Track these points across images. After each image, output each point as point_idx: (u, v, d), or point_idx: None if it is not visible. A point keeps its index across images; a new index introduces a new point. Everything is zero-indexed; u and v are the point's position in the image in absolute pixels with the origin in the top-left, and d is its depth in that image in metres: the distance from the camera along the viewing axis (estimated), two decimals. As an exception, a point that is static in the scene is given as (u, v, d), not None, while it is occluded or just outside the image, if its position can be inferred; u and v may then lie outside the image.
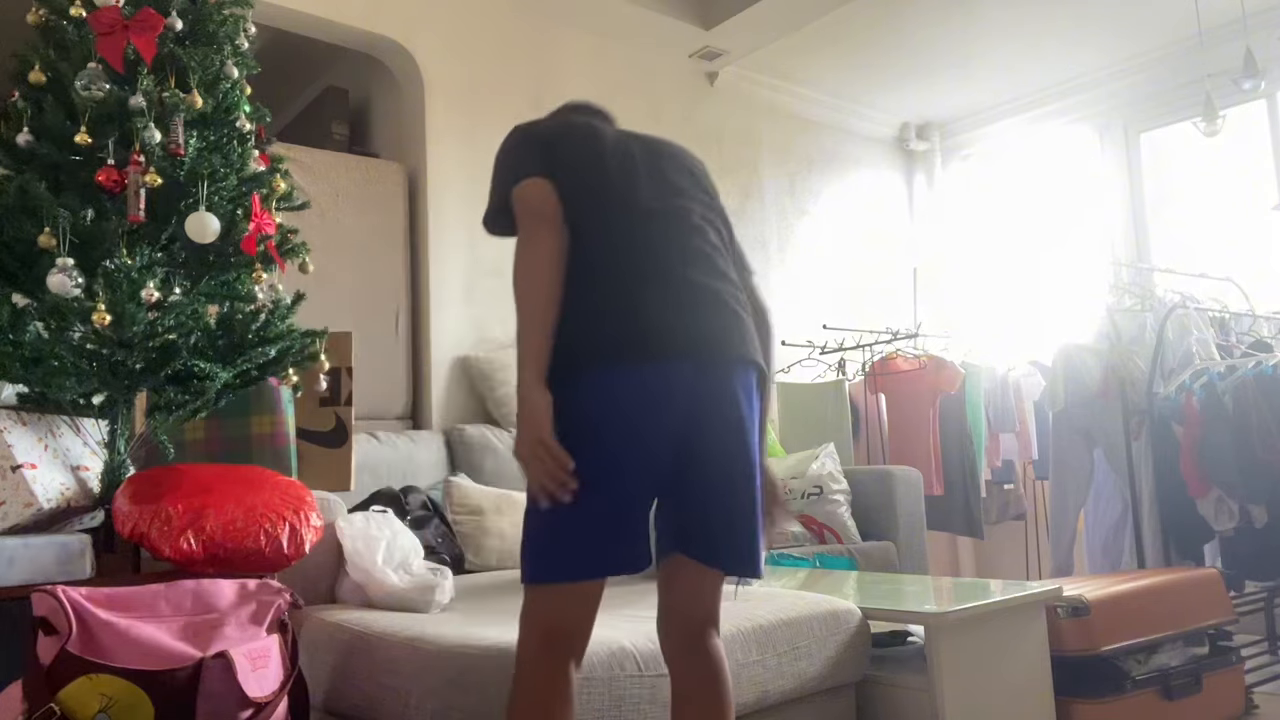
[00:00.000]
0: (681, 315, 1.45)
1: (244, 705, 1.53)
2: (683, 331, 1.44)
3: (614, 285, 1.46)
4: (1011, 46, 4.49)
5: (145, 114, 1.89)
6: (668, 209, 1.55)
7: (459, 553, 2.80)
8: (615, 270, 1.47)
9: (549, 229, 1.46)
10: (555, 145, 1.56)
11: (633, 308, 1.44)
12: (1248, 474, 3.11)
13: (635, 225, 1.51)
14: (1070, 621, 2.46)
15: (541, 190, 1.49)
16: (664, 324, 1.43)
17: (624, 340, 1.42)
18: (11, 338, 1.82)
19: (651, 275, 1.47)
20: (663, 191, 1.58)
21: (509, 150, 1.59)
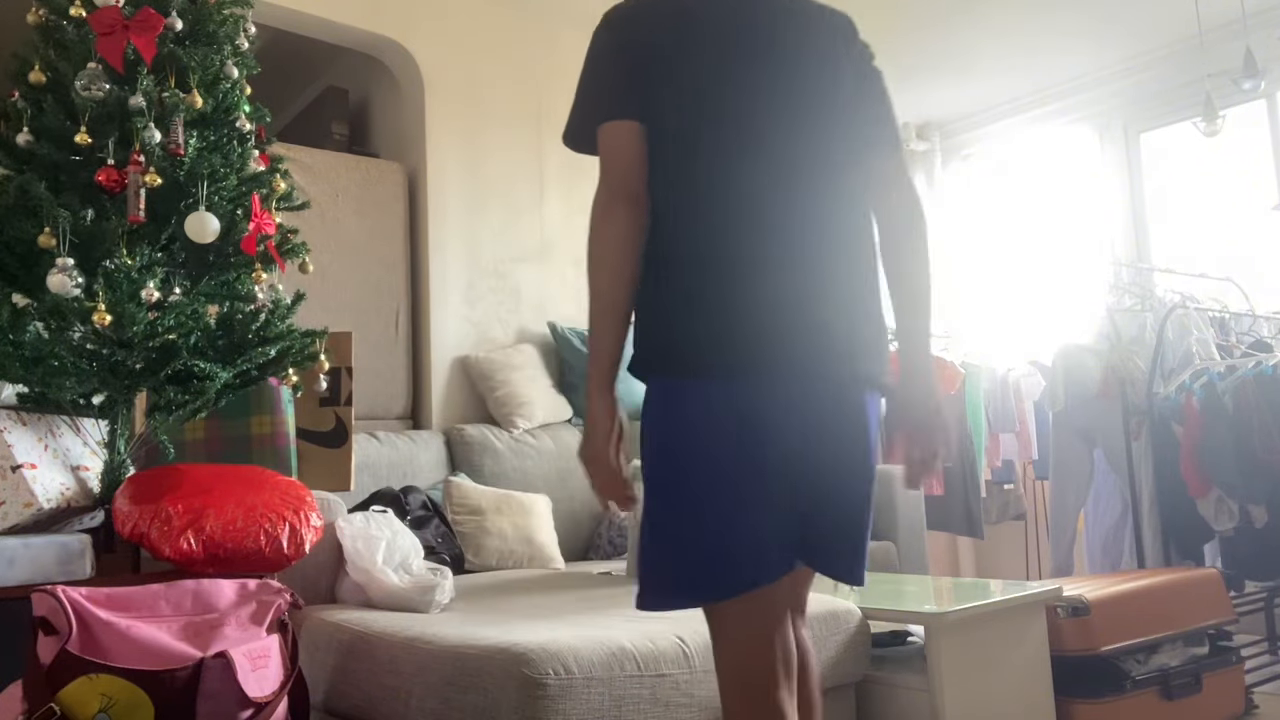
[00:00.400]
0: (795, 316, 1.23)
1: (244, 705, 1.53)
2: (792, 340, 1.23)
3: (713, 270, 1.23)
4: (1011, 46, 4.48)
5: (145, 114, 1.89)
6: (796, 153, 1.28)
7: (459, 553, 2.80)
8: (716, 249, 1.24)
9: (626, 206, 1.25)
10: (656, 61, 1.28)
11: (734, 303, 1.22)
12: (1248, 474, 3.11)
13: (750, 182, 1.25)
14: (1070, 621, 2.46)
15: (624, 150, 1.26)
16: (770, 329, 1.22)
17: (721, 346, 1.22)
18: (11, 338, 1.82)
19: (763, 259, 1.24)
20: (795, 117, 1.30)
21: (597, 58, 1.33)
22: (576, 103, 1.34)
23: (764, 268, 1.24)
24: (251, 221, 1.99)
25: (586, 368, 1.28)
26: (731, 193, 1.26)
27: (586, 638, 1.67)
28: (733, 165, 1.26)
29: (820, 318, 1.26)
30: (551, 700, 1.54)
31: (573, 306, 3.94)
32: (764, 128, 1.28)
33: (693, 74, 1.28)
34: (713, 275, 1.23)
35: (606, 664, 1.64)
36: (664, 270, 1.27)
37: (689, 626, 1.80)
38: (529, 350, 3.68)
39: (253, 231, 1.98)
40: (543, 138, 3.96)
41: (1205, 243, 4.41)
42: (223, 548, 1.73)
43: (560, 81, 4.05)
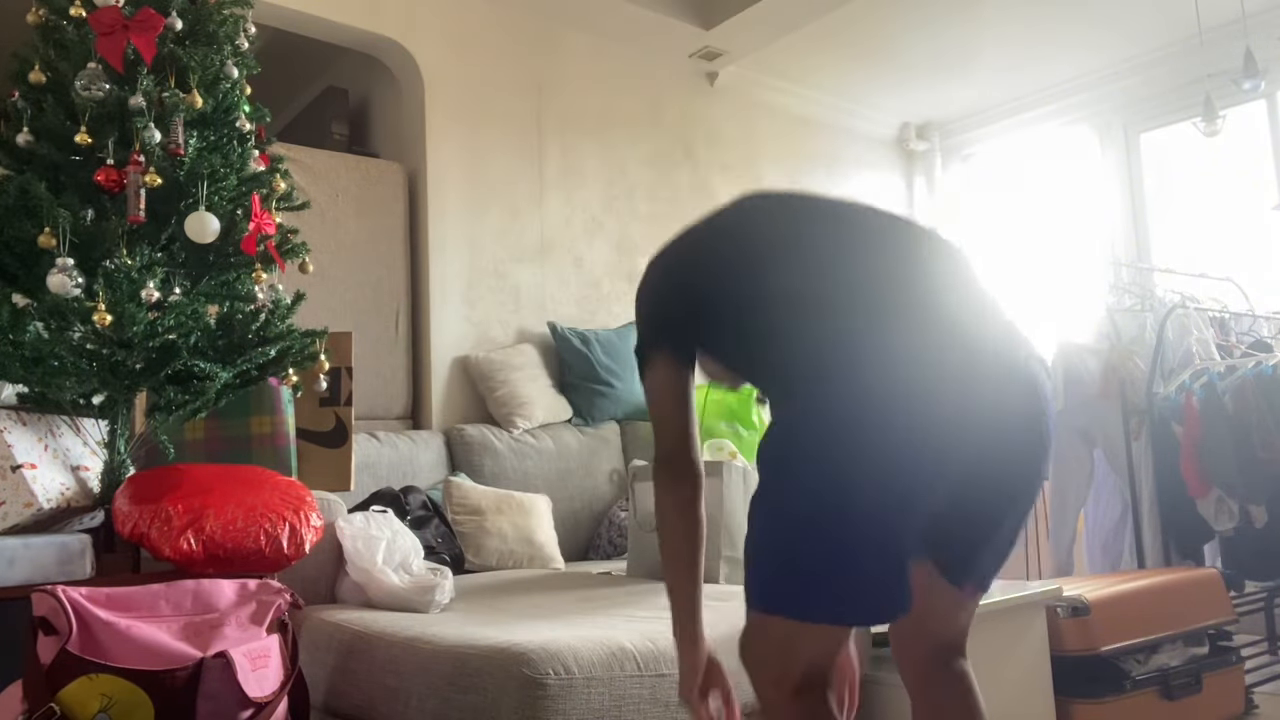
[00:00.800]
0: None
1: (244, 705, 1.53)
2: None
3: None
4: (1011, 46, 4.48)
5: (145, 114, 1.89)
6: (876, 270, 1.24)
7: (459, 553, 2.80)
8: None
9: (671, 473, 1.36)
10: (690, 298, 1.32)
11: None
12: (1248, 474, 3.11)
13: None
14: (1070, 621, 2.46)
15: (664, 390, 1.35)
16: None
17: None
18: (11, 338, 1.81)
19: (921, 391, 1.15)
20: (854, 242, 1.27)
21: (645, 292, 1.40)
22: (637, 326, 1.42)
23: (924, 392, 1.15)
24: (251, 221, 1.99)
25: (672, 619, 1.37)
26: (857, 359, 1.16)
27: (586, 638, 1.67)
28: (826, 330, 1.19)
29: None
30: (551, 700, 1.54)
31: (573, 307, 3.94)
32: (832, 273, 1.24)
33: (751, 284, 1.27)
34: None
35: (606, 664, 1.63)
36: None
37: (689, 626, 1.80)
38: (529, 350, 3.68)
39: (253, 231, 1.98)
40: (543, 138, 3.96)
41: (1205, 243, 4.41)
42: (223, 548, 1.73)
43: (560, 81, 4.05)
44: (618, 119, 4.22)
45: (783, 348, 1.21)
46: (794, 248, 1.27)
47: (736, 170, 4.63)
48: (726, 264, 1.31)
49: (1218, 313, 3.65)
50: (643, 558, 2.56)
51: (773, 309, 1.23)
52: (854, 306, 1.19)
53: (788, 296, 1.23)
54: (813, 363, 1.17)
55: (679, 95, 4.45)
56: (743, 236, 1.33)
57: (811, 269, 1.24)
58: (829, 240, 1.27)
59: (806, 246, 1.26)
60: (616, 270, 4.11)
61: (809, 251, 1.26)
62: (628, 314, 4.10)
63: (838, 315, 1.18)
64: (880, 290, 1.20)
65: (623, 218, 4.17)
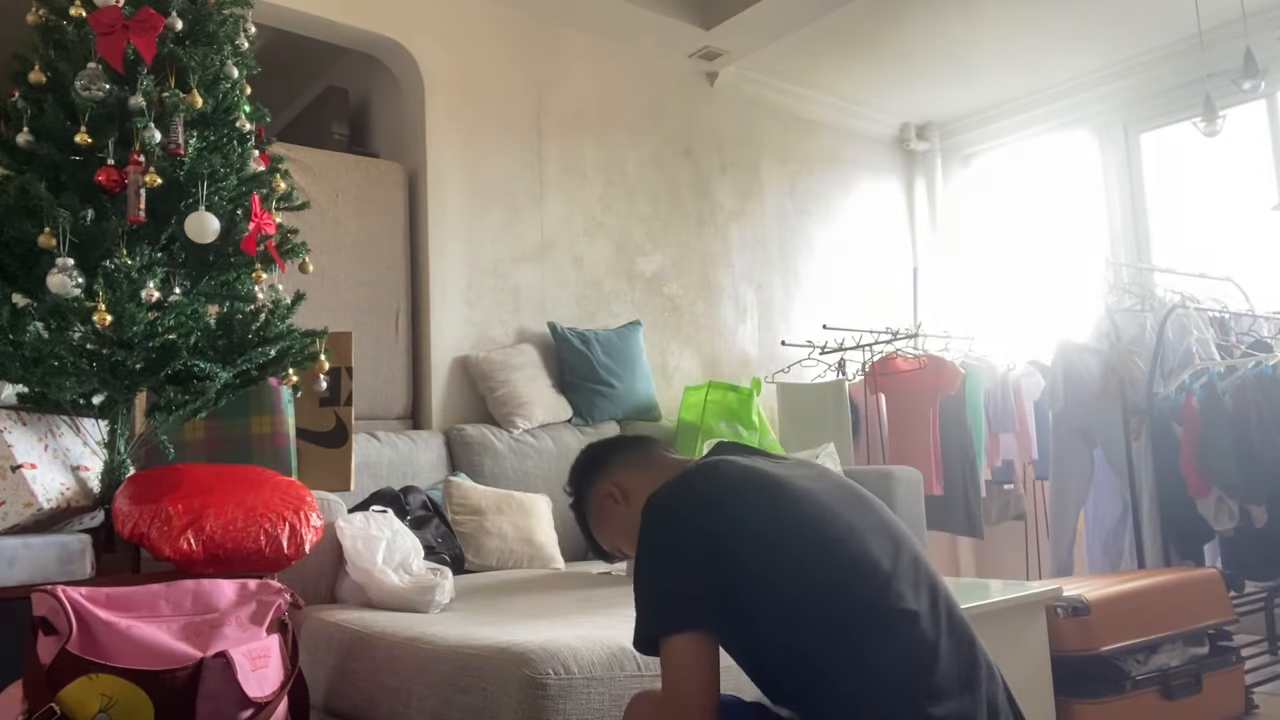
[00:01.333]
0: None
1: (244, 705, 1.53)
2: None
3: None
4: (1012, 47, 4.48)
5: (145, 114, 1.89)
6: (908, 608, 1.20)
7: (459, 553, 2.80)
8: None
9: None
10: (723, 550, 1.20)
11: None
12: (1248, 474, 3.11)
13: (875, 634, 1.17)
14: (1070, 621, 2.46)
15: (691, 678, 1.17)
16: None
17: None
18: (11, 338, 1.81)
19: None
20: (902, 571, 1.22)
21: (649, 555, 1.24)
22: (638, 604, 1.25)
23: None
24: (251, 221, 1.99)
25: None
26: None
27: (586, 638, 1.67)
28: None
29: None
30: (551, 700, 1.54)
31: (573, 307, 3.94)
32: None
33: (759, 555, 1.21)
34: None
35: (606, 664, 1.63)
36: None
37: (689, 626, 1.80)
38: (529, 350, 3.68)
39: (253, 231, 1.98)
40: (543, 138, 3.96)
41: (1205, 243, 4.41)
42: (223, 548, 1.73)
43: (560, 81, 4.05)
44: (618, 119, 4.22)
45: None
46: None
47: (736, 170, 4.63)
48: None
49: (1218, 313, 3.65)
50: (643, 558, 2.56)
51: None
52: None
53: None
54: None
55: (679, 95, 4.45)
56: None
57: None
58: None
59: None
60: (616, 270, 4.11)
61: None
62: (628, 314, 4.10)
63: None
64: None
65: (623, 218, 4.17)
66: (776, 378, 4.37)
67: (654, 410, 3.88)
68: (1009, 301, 5.14)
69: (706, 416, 3.78)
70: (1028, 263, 5.09)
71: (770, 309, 4.66)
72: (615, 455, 1.55)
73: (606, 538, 1.53)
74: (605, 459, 1.55)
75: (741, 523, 1.22)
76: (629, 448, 1.56)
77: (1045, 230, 5.05)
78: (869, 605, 1.18)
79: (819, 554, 1.21)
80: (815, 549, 1.21)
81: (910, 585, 1.21)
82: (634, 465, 1.50)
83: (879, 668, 1.16)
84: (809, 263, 4.86)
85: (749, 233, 4.63)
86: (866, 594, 1.19)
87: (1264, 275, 4.09)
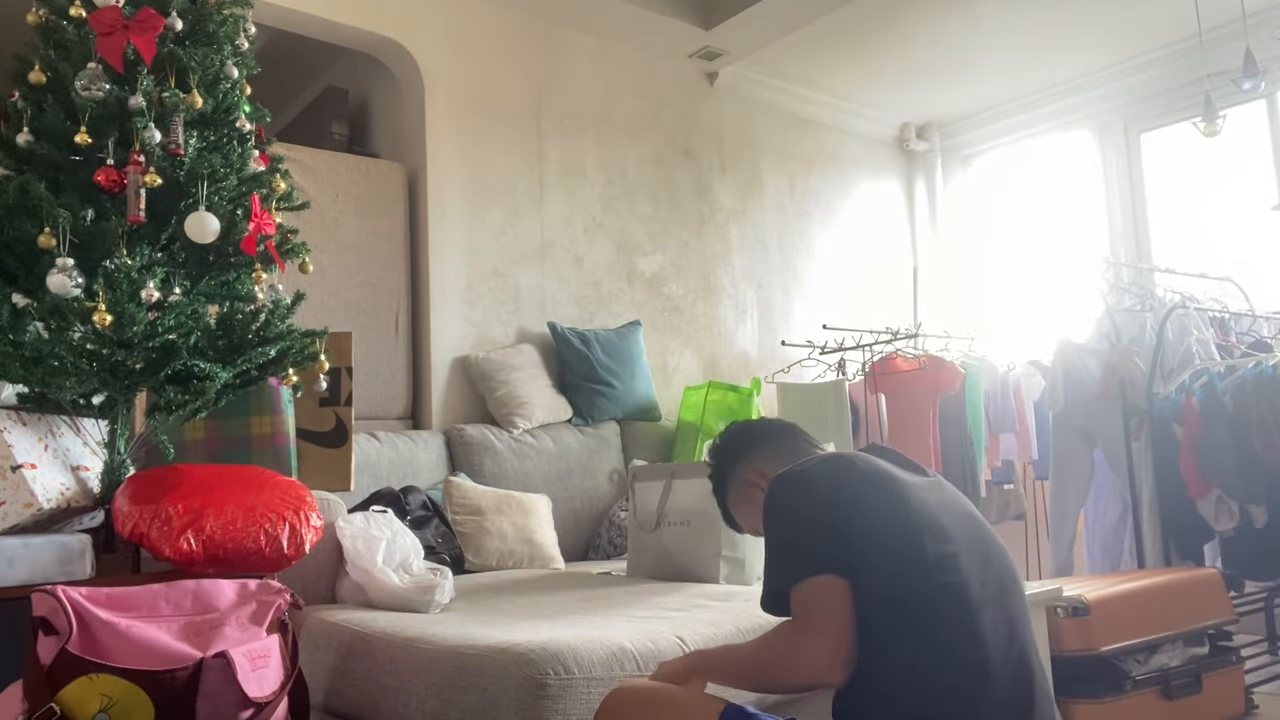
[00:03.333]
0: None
1: (244, 705, 1.53)
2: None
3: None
4: (1011, 46, 4.48)
5: (145, 114, 1.89)
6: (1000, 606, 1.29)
7: (459, 553, 2.80)
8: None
9: (832, 664, 1.25)
10: (851, 522, 1.29)
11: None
12: (1248, 474, 3.11)
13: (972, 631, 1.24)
14: (1070, 621, 2.46)
15: (833, 606, 1.25)
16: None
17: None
18: (11, 338, 1.81)
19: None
20: (989, 571, 1.30)
21: (778, 520, 1.36)
22: (767, 569, 1.36)
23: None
24: (251, 221, 1.99)
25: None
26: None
27: (586, 638, 1.67)
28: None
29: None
30: (551, 700, 1.54)
31: (573, 307, 3.94)
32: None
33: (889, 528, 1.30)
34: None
35: (606, 664, 1.63)
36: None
37: (689, 627, 1.80)
38: (529, 350, 3.68)
39: (253, 231, 1.98)
40: (543, 138, 3.96)
41: (1205, 243, 4.41)
42: (223, 548, 1.73)
43: (560, 81, 4.05)
44: (618, 119, 4.22)
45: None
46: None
47: (736, 170, 4.63)
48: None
49: (1218, 313, 3.65)
50: (643, 558, 2.56)
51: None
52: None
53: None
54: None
55: (679, 95, 4.45)
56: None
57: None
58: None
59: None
60: (616, 270, 4.11)
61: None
62: (628, 314, 4.10)
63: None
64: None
65: (623, 218, 4.17)
66: (776, 378, 4.37)
67: (654, 410, 3.88)
68: (1009, 301, 5.14)
69: (706, 417, 3.78)
70: (1028, 263, 5.09)
71: (770, 309, 4.66)
72: (762, 443, 1.60)
73: (747, 520, 1.60)
74: (752, 445, 1.60)
75: (855, 507, 1.30)
76: (774, 436, 1.61)
77: (1045, 230, 5.05)
78: (942, 628, 1.24)
79: (914, 559, 1.27)
80: (913, 550, 1.27)
81: (990, 619, 1.26)
82: (780, 456, 1.55)
83: (930, 685, 1.22)
84: (809, 263, 4.86)
85: (749, 233, 4.63)
86: (944, 616, 1.24)
87: (1264, 275, 4.09)
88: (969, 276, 5.34)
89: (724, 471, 1.63)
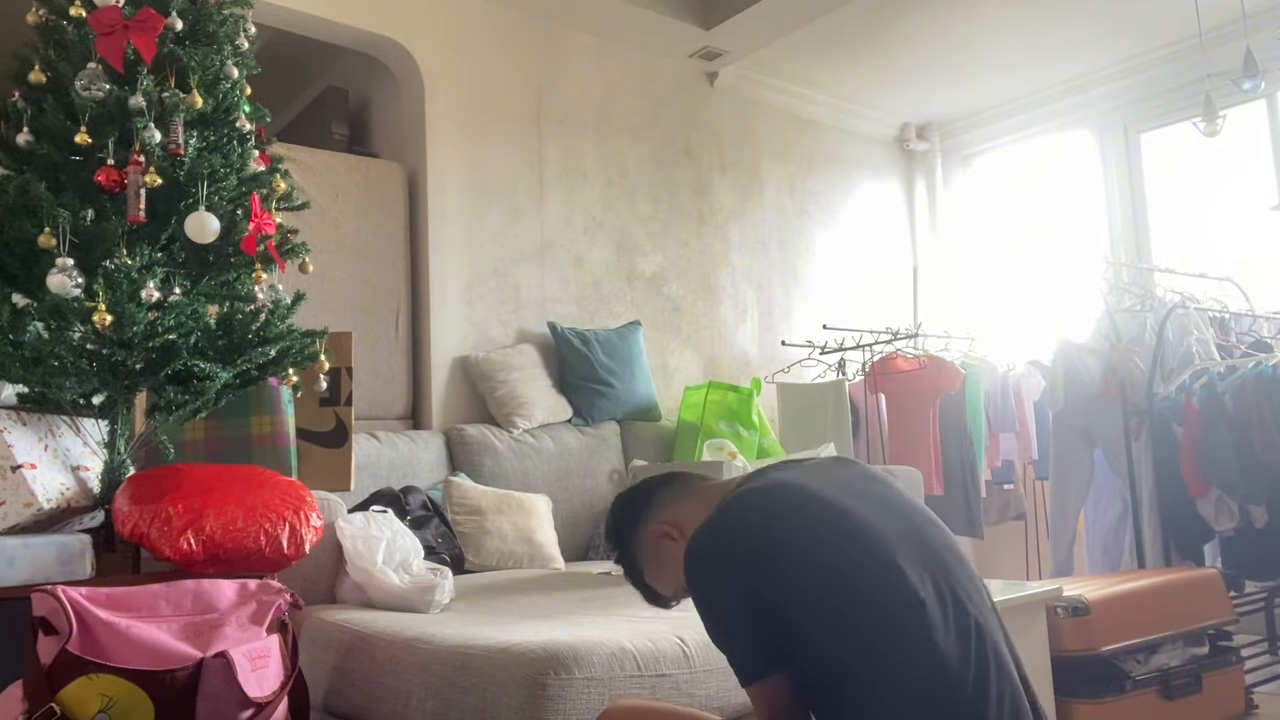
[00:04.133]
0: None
1: (244, 705, 1.53)
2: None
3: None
4: (1011, 46, 4.48)
5: (145, 114, 1.89)
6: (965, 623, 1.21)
7: (459, 553, 2.80)
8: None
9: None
10: (768, 588, 1.22)
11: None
12: (1248, 474, 3.11)
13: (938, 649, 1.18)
14: (1070, 621, 2.46)
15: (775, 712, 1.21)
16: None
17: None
18: (11, 338, 1.82)
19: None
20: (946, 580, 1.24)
21: (705, 615, 1.27)
22: (714, 639, 1.28)
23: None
24: (251, 221, 1.99)
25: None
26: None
27: (586, 638, 1.67)
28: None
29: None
30: (551, 700, 1.54)
31: (573, 307, 3.94)
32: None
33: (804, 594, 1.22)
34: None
35: (606, 664, 1.63)
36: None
37: (689, 627, 1.80)
38: (529, 350, 3.68)
39: (253, 231, 1.98)
40: (543, 138, 3.96)
41: (1205, 243, 4.41)
42: (223, 548, 1.73)
43: (560, 81, 4.05)
44: (618, 119, 4.22)
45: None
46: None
47: (736, 170, 4.63)
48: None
49: (1218, 313, 3.65)
50: (643, 558, 2.56)
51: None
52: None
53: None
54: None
55: (679, 95, 4.45)
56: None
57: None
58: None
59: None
60: (616, 270, 4.11)
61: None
62: (628, 314, 4.10)
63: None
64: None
65: (623, 218, 4.17)
66: (776, 378, 4.37)
67: (654, 410, 3.88)
68: (1009, 301, 5.14)
69: (706, 417, 3.78)
70: (1028, 263, 5.09)
71: (770, 309, 4.66)
72: (655, 493, 1.49)
73: (667, 582, 1.45)
74: (647, 499, 1.48)
75: (776, 570, 1.21)
76: (665, 483, 1.51)
77: (1045, 230, 5.05)
78: (898, 636, 1.18)
79: (855, 589, 1.20)
80: (853, 582, 1.21)
81: (941, 616, 1.20)
82: (678, 497, 1.45)
83: (897, 697, 1.17)
84: (809, 263, 4.86)
85: (749, 233, 4.62)
86: (898, 626, 1.18)
87: (1264, 275, 4.09)
88: (969, 276, 5.34)
89: (627, 542, 1.49)
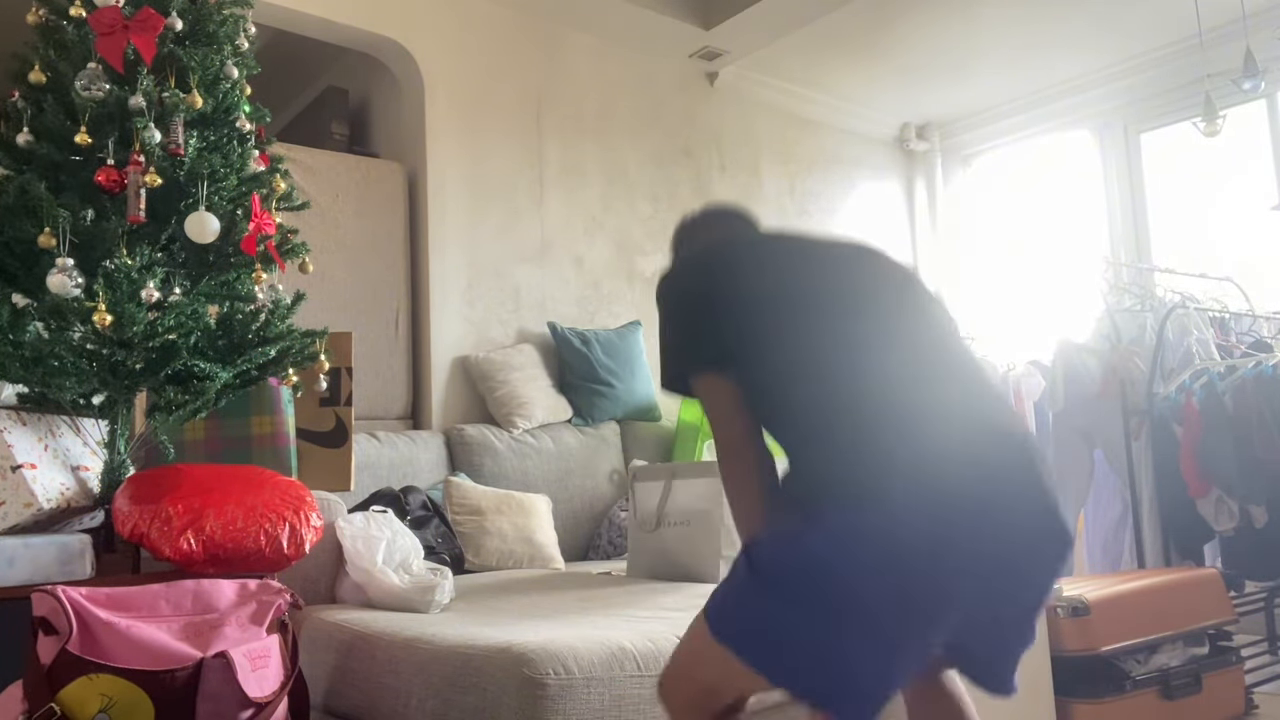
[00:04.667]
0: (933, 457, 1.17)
1: (244, 705, 1.53)
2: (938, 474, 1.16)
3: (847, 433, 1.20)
4: (1011, 47, 4.48)
5: (145, 114, 1.89)
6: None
7: (459, 553, 2.80)
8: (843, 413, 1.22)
9: (739, 457, 1.33)
10: (719, 303, 1.35)
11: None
12: (1248, 474, 3.11)
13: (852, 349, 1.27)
14: (1070, 621, 2.46)
15: (721, 403, 1.33)
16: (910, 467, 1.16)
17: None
18: (11, 338, 1.82)
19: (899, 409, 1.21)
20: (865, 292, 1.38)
21: (669, 318, 1.42)
22: (662, 357, 1.43)
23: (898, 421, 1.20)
24: (251, 221, 1.99)
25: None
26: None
27: (586, 638, 1.67)
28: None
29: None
30: (551, 700, 1.54)
31: (573, 307, 3.94)
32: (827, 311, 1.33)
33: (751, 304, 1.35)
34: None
35: (606, 664, 1.63)
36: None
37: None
38: (529, 350, 3.68)
39: (253, 231, 1.98)
40: (543, 138, 3.96)
41: (1205, 243, 4.41)
42: (223, 548, 1.73)
43: (560, 81, 4.05)
44: (618, 119, 4.22)
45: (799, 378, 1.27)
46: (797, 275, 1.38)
47: (736, 170, 4.63)
48: (742, 267, 1.38)
49: (1218, 313, 3.65)
50: (643, 558, 2.56)
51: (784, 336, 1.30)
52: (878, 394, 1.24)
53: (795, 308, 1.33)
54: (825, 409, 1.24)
55: (679, 95, 4.45)
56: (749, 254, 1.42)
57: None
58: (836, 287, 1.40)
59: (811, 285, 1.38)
60: (616, 270, 4.11)
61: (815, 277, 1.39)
62: (628, 314, 4.10)
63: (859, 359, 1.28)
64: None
65: (623, 218, 4.17)
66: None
67: (654, 410, 3.88)
68: (1009, 301, 5.14)
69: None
70: (1027, 263, 5.09)
71: (770, 309, 4.66)
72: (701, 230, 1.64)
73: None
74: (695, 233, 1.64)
75: (729, 282, 1.37)
76: (708, 224, 1.64)
77: (1045, 230, 5.05)
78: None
79: (796, 307, 1.33)
80: (794, 302, 1.33)
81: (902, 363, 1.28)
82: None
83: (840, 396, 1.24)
84: (809, 263, 4.86)
85: (749, 233, 4.62)
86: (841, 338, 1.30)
87: (1264, 275, 4.09)
88: (969, 276, 5.34)
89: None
